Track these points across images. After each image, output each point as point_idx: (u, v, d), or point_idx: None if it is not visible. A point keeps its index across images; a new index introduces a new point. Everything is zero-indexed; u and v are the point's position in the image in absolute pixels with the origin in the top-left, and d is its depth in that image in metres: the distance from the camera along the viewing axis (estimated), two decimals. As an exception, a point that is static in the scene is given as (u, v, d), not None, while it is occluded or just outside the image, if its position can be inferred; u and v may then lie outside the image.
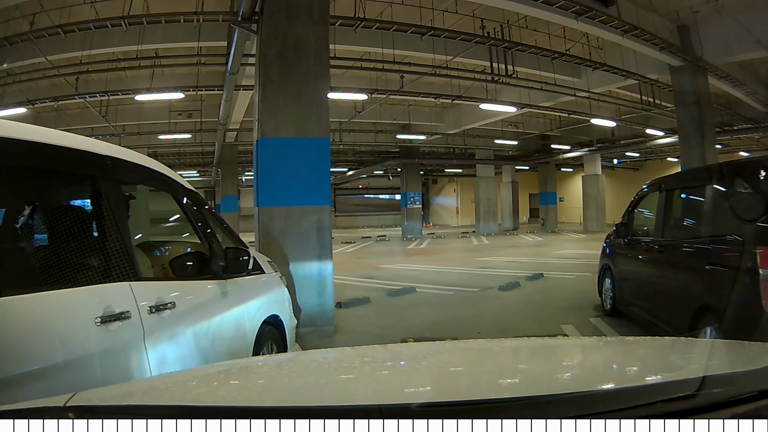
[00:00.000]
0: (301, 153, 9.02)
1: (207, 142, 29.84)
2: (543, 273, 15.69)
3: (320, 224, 9.14)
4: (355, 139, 31.47)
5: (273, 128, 9.02)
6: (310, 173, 9.06)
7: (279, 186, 8.99)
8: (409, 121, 29.37)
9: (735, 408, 1.66)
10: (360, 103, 23.80)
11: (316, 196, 9.16)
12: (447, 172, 54.91)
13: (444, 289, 13.49)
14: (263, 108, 9.12)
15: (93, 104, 21.12)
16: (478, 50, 16.66)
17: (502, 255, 22.80)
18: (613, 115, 26.58)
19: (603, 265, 10.29)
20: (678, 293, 6.74)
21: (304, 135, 9.03)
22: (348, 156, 40.55)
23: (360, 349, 3.07)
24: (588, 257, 19.30)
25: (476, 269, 17.77)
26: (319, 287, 9.12)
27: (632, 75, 18.48)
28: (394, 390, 2.19)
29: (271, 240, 8.95)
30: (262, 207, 9.06)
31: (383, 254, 25.17)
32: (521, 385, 2.29)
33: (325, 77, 9.39)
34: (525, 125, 31.88)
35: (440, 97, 21.32)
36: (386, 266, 19.33)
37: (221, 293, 4.42)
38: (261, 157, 9.13)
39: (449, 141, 34.38)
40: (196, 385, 2.38)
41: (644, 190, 8.99)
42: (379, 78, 20.84)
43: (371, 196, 62.57)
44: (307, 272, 9.05)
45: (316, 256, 9.11)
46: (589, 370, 2.64)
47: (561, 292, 12.77)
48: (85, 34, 14.48)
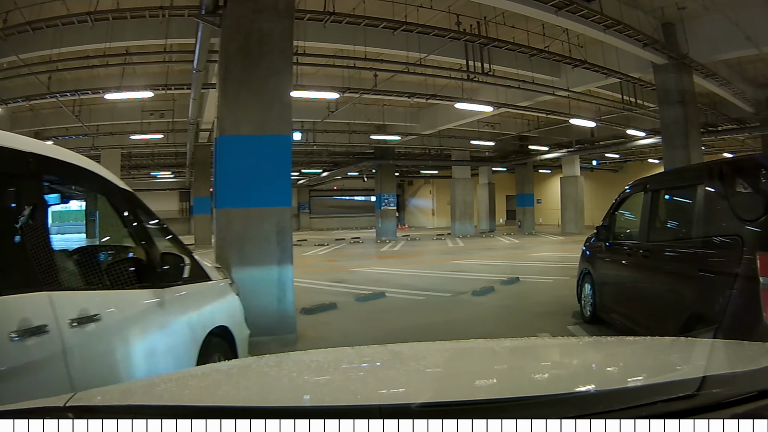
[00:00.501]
0: (262, 151, 8.55)
1: (180, 142, 29.34)
2: (519, 277, 15.17)
3: (281, 227, 8.63)
4: (329, 140, 30.98)
5: (232, 125, 8.58)
6: (270, 173, 8.60)
7: (238, 186, 8.55)
8: (384, 122, 28.89)
9: (735, 408, 1.66)
10: (333, 103, 23.37)
11: (277, 197, 8.67)
12: (423, 174, 54.62)
13: (415, 294, 12.94)
14: (223, 104, 8.72)
15: (66, 104, 20.82)
16: (453, 47, 16.20)
17: (477, 258, 22.31)
18: (593, 115, 26.28)
19: (582, 270, 9.76)
20: (665, 301, 6.27)
21: (265, 132, 8.58)
22: (322, 157, 40.09)
23: (360, 349, 3.11)
24: (566, 260, 19.02)
25: (450, 273, 17.21)
26: (279, 293, 8.65)
27: (614, 73, 18.04)
28: (394, 390, 2.22)
29: (229, 244, 8.50)
30: (219, 209, 8.62)
31: (356, 257, 24.60)
32: (521, 385, 2.27)
33: (288, 72, 8.98)
34: (502, 126, 31.45)
35: (414, 96, 20.75)
36: (357, 269, 18.76)
37: (157, 303, 4.04)
38: (220, 156, 8.72)
39: (425, 142, 34.07)
40: (196, 385, 2.39)
41: (627, 191, 8.50)
42: (352, 77, 20.31)
43: (347, 198, 62.57)
44: (267, 278, 8.57)
45: (276, 261, 8.61)
46: (589, 370, 2.63)
47: (537, 297, 12.27)
48: (54, 31, 14.08)
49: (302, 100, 25.34)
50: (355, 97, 20.87)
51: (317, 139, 30.00)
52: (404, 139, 31.84)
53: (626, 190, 8.53)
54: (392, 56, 16.85)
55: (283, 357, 2.99)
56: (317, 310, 10.96)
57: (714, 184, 5.62)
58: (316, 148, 33.87)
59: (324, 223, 58.69)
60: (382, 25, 14.45)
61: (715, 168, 5.85)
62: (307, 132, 28.16)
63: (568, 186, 38.21)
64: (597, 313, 8.88)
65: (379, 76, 18.89)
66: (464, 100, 21.05)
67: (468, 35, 15.39)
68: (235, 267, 8.24)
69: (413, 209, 63.66)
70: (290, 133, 8.89)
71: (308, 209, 60.30)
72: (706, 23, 15.98)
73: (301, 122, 27.09)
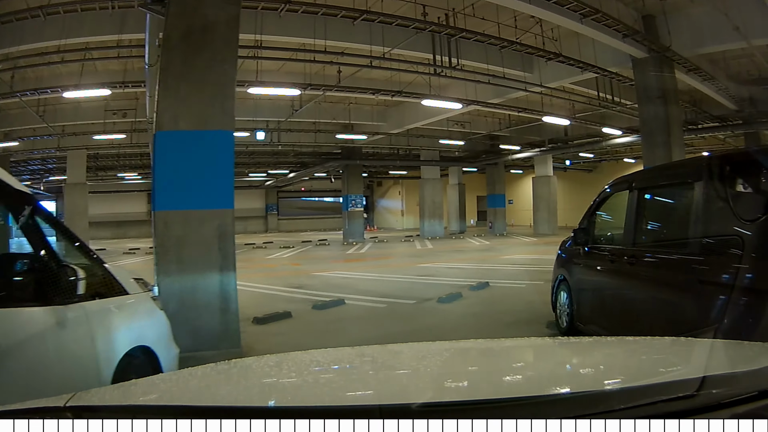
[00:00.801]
0: (202, 148, 7.79)
1: (143, 142, 28.17)
2: (489, 281, 14.26)
3: (222, 231, 7.81)
4: (294, 140, 30.18)
5: (171, 120, 7.79)
6: (212, 172, 7.83)
7: (176, 187, 7.73)
8: (350, 121, 28.06)
9: (735, 408, 1.67)
10: (297, 101, 22.67)
11: (218, 199, 7.86)
12: (392, 175, 53.92)
13: (377, 301, 12.10)
14: (162, 97, 7.91)
15: (30, 103, 20.41)
16: (419, 40, 15.43)
17: (446, 260, 21.44)
18: (567, 113, 25.58)
19: (558, 276, 8.89)
20: (654, 313, 5.58)
21: (205, 127, 7.82)
22: (289, 157, 39.23)
23: (360, 349, 3.13)
24: (539, 263, 18.50)
25: (415, 277, 16.35)
26: (222, 304, 7.82)
27: (590, 67, 17.35)
28: (394, 390, 2.20)
29: (167, 250, 7.66)
30: (158, 211, 7.74)
31: (320, 260, 23.59)
32: (521, 385, 2.29)
33: (233, 63, 8.24)
34: (472, 125, 30.79)
35: (380, 92, 19.87)
36: (320, 273, 17.80)
37: (55, 322, 3.48)
38: (157, 154, 7.94)
39: (393, 141, 33.29)
40: (196, 385, 2.38)
41: (607, 190, 7.70)
42: (316, 74, 19.51)
43: (315, 199, 61.72)
44: (208, 286, 7.74)
45: (217, 268, 7.77)
46: (589, 370, 2.64)
47: (509, 304, 11.43)
48: (14, 27, 13.73)
49: (266, 99, 25.00)
50: (318, 94, 20.26)
51: (282, 139, 29.33)
52: (371, 138, 31.08)
53: (606, 189, 7.74)
54: (356, 50, 15.99)
55: (283, 357, 2.89)
56: (270, 320, 10.16)
57: (715, 180, 4.82)
58: (282, 149, 33.10)
59: (293, 225, 57.76)
60: (341, 14, 13.78)
61: (717, 161, 5.04)
62: (272, 131, 27.41)
63: (541, 186, 37.76)
64: (574, 323, 7.99)
65: (343, 72, 18.08)
66: (432, 97, 20.10)
67: (434, 25, 14.58)
68: (174, 275, 7.50)
69: (382, 210, 62.95)
70: (233, 128, 8.09)
71: (276, 211, 59.44)
72: (690, 15, 15.51)
73: (266, 121, 26.60)
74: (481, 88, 20.75)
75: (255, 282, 15.28)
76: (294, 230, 54.79)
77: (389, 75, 19.73)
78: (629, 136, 27.45)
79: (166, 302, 6.82)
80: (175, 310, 6.97)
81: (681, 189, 5.79)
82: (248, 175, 47.77)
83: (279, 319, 10.27)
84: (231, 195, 7.96)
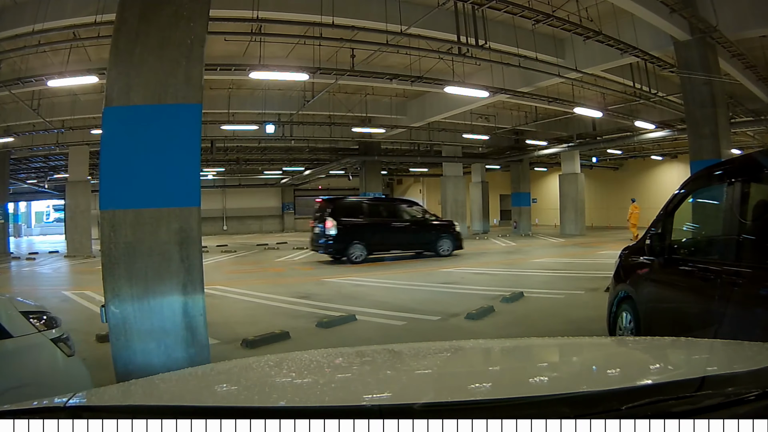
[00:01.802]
0: (160, 128, 6.00)
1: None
2: (522, 291, 12.39)
3: (185, 235, 5.97)
4: (308, 133, 28.52)
5: (122, 92, 5.97)
6: (171, 159, 6.01)
7: (126, 179, 5.92)
8: (367, 114, 26.26)
9: (735, 408, 1.67)
10: (310, 91, 21.10)
11: (179, 194, 6.03)
12: (412, 172, 52.08)
13: (393, 317, 10.30)
14: (113, 64, 6.11)
15: (23, 96, 19.17)
16: (441, 17, 13.74)
17: (471, 264, 19.48)
18: (598, 105, 23.61)
19: (618, 293, 7.03)
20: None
21: (164, 101, 5.99)
22: (303, 153, 37.40)
23: (360, 349, 3.31)
24: (573, 267, 16.97)
25: (438, 284, 14.47)
26: (185, 333, 5.92)
27: (631, 49, 15.49)
28: (394, 390, 2.20)
29: (115, 261, 5.82)
30: (104, 210, 5.93)
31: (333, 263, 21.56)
32: (521, 385, 2.23)
33: (203, 19, 6.35)
34: (497, 119, 28.98)
35: (398, 78, 17.88)
36: (331, 279, 16.02)
37: None
38: (104, 137, 6.11)
39: (413, 136, 31.46)
40: (196, 385, 2.37)
41: (691, 183, 5.89)
42: (329, 60, 17.66)
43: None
44: (168, 311, 5.87)
45: (179, 286, 5.92)
46: (589, 370, 2.61)
47: (550, 322, 9.70)
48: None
49: (276, 89, 23.58)
50: (330, 82, 18.38)
51: (295, 133, 27.69)
52: (390, 132, 29.36)
53: (690, 181, 5.94)
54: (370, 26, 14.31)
55: (283, 357, 2.88)
56: (263, 342, 8.52)
57: None
58: (295, 144, 31.52)
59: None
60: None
61: None
62: (284, 124, 25.77)
63: (568, 184, 35.78)
64: (644, 355, 6.16)
65: (357, 57, 16.40)
66: (456, 83, 18.02)
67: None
68: (125, 296, 5.72)
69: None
70: (200, 101, 6.18)
71: (293, 209, 57.59)
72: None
73: (277, 114, 25.22)
74: (509, 76, 19.08)
75: (257, 290, 13.62)
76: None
77: (408, 61, 17.94)
78: (662, 130, 26.14)
79: (119, 332, 5.52)
80: (123, 344, 5.51)
81: None
82: (263, 172, 46.29)
83: (274, 342, 8.64)
84: (196, 189, 6.13)
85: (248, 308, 11.33)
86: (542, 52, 16.50)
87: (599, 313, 7.81)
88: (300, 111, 23.16)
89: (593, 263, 18.58)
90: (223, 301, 12.38)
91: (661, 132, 26.51)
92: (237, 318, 10.43)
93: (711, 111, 14.96)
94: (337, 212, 20.65)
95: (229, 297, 12.95)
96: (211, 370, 2.75)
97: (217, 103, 23.83)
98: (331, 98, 23.72)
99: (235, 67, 15.62)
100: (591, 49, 16.51)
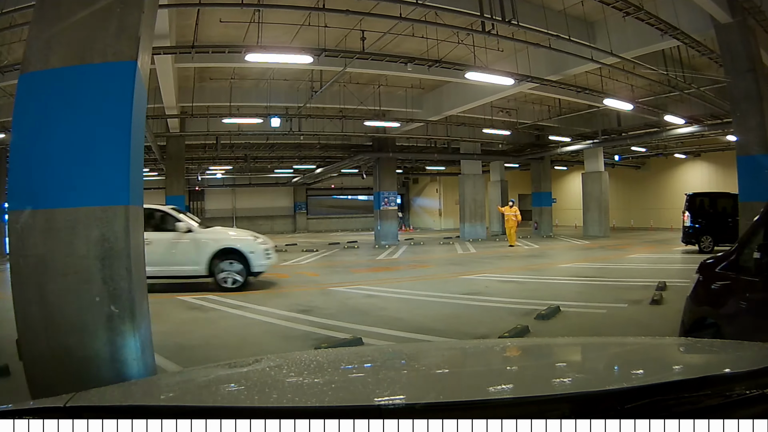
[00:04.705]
0: (82, 96, 4.39)
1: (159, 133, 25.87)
2: (558, 305, 10.60)
3: (107, 247, 4.30)
4: (318, 128, 26.78)
5: (40, 53, 4.47)
6: (93, 138, 4.36)
7: (37, 168, 4.34)
8: (381, 107, 24.57)
9: (735, 408, 1.67)
10: (317, 78, 19.75)
11: (104, 187, 4.37)
12: (429, 171, 50.20)
13: (408, 340, 8.24)
14: (35, 19, 4.62)
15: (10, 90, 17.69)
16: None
17: (494, 270, 17.61)
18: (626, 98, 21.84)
19: (698, 318, 5.46)
20: None
21: (89, 60, 4.41)
22: (314, 150, 35.64)
23: (360, 349, 3.55)
24: (607, 274, 15.46)
25: (460, 296, 12.60)
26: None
27: (672, 30, 13.92)
28: (394, 390, 2.19)
29: (24, 281, 4.26)
30: (11, 211, 4.32)
31: (344, 267, 19.85)
32: (521, 385, 2.26)
33: None
34: (518, 113, 27.50)
35: (413, 61, 16.03)
36: (338, 288, 14.23)
37: None
38: (17, 112, 4.50)
39: (430, 131, 29.62)
40: (196, 385, 2.36)
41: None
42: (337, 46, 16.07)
43: (348, 198, 57.94)
44: (89, 354, 4.21)
45: (101, 319, 4.25)
46: (589, 370, 2.63)
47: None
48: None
49: (282, 80, 22.16)
50: (339, 69, 16.73)
51: (303, 126, 26.01)
52: (406, 127, 27.51)
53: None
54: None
55: (283, 357, 2.86)
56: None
57: None
58: (304, 139, 29.95)
59: (323, 225, 54.33)
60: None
61: None
62: (291, 118, 24.18)
63: (591, 183, 34.03)
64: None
65: (368, 39, 14.84)
66: (477, 69, 16.21)
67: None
68: (38, 328, 4.18)
69: (418, 209, 58.97)
70: (134, 57, 4.45)
71: (305, 209, 55.80)
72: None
73: (285, 107, 23.86)
74: (535, 63, 17.55)
75: (252, 301, 11.93)
76: (324, 230, 51.56)
77: (425, 47, 16.23)
78: (690, 125, 24.75)
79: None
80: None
81: None
82: (273, 171, 44.80)
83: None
84: (125, 180, 4.37)
85: (233, 330, 9.54)
86: (573, 36, 14.83)
87: (653, 333, 6.73)
88: (308, 103, 21.57)
89: (626, 269, 17.04)
90: (209, 316, 10.74)
91: (690, 128, 25.12)
92: (221, 340, 8.74)
93: (756, 102, 14.12)
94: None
95: (217, 310, 11.23)
96: (212, 371, 2.62)
97: (219, 96, 22.49)
98: (342, 90, 22.32)
99: (230, 49, 13.91)
100: (624, 33, 15.37)
